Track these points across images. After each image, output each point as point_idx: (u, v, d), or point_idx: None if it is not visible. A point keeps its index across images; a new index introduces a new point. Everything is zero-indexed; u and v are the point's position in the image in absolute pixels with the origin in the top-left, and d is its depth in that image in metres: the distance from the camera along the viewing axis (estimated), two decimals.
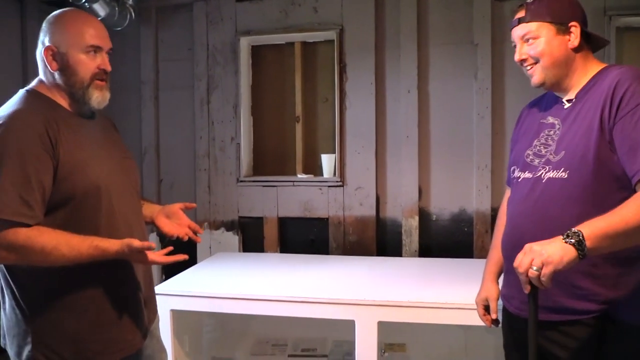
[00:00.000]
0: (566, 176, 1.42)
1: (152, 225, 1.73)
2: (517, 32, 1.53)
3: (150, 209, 1.74)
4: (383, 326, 2.19)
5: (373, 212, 3.28)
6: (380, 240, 3.30)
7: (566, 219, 1.33)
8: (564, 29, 1.48)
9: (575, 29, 1.48)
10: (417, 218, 3.21)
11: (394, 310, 2.16)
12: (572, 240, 1.21)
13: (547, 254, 1.20)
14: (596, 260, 1.37)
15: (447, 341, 2.78)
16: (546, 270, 1.20)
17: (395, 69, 3.23)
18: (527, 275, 1.23)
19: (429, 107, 3.21)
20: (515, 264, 1.25)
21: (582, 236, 1.21)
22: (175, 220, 1.71)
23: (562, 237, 1.23)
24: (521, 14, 1.52)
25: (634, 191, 1.32)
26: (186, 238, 1.69)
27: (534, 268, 1.21)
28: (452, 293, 2.20)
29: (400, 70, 3.21)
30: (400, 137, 3.23)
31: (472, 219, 3.16)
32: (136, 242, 1.39)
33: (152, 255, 1.43)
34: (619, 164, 1.36)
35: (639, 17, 2.96)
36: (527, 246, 1.25)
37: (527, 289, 1.25)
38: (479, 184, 3.14)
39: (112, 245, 1.40)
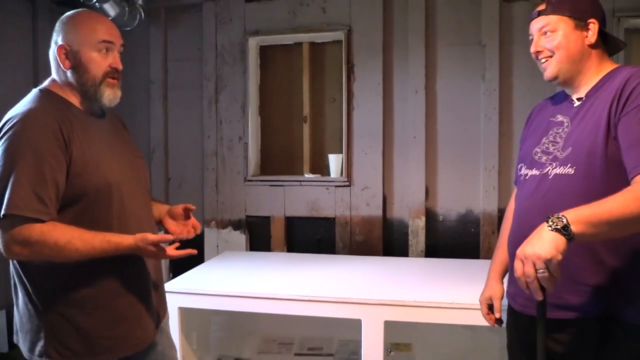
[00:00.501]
0: (573, 172, 1.43)
1: (159, 225, 1.75)
2: (536, 24, 1.54)
3: (158, 210, 1.75)
4: (389, 326, 2.19)
5: (380, 212, 3.28)
6: (386, 240, 3.31)
7: None
8: (582, 25, 1.49)
9: (594, 26, 1.49)
10: (423, 218, 3.22)
11: (400, 309, 2.16)
12: (558, 226, 1.20)
13: (544, 252, 1.19)
14: (604, 258, 1.38)
15: (453, 341, 2.78)
16: (552, 268, 1.19)
17: (403, 70, 3.24)
18: (537, 281, 1.21)
19: (437, 108, 3.21)
20: (518, 274, 1.23)
21: (567, 220, 1.21)
22: (180, 221, 1.73)
23: (546, 225, 1.22)
24: (542, 7, 1.54)
25: None
26: (189, 236, 1.71)
27: (541, 271, 1.19)
28: (458, 293, 2.20)
29: (408, 70, 3.21)
30: (408, 137, 3.23)
31: (479, 220, 3.16)
32: (152, 235, 1.41)
33: (166, 250, 1.46)
34: None
35: None
36: (520, 253, 1.23)
37: (539, 295, 1.23)
38: (486, 185, 3.14)
39: (125, 239, 1.42)
